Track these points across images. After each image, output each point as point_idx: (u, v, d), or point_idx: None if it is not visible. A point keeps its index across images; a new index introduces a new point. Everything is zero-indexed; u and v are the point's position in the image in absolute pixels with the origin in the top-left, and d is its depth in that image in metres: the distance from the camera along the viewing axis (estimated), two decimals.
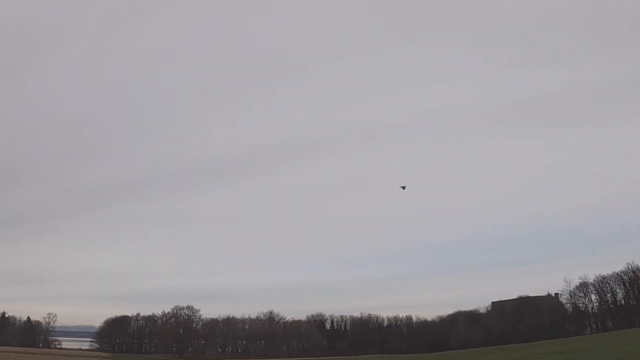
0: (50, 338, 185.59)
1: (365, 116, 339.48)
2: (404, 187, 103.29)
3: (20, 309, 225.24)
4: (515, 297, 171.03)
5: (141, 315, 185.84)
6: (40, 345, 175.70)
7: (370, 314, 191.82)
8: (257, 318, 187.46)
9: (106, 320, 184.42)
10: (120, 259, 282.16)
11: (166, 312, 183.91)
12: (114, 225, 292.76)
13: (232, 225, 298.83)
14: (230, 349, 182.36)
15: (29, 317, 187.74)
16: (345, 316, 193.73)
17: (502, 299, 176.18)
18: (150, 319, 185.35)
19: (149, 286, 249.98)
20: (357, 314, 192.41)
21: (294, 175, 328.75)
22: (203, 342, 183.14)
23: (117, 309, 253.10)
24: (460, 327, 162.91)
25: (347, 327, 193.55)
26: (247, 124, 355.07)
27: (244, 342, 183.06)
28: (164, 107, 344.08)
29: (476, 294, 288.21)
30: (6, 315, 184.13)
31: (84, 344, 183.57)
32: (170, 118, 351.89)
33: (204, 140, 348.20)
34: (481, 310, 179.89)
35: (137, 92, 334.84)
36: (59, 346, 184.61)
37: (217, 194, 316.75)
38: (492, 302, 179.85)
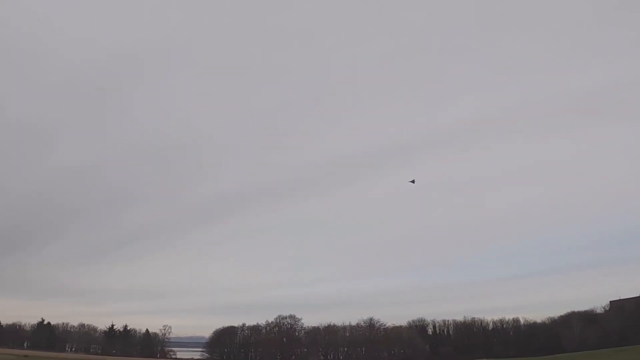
0: (166, 349, 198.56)
1: (463, 115, 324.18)
2: (413, 181, 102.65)
3: (140, 322, 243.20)
4: (636, 295, 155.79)
5: (246, 325, 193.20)
6: (158, 355, 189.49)
7: (474, 318, 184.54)
8: (358, 325, 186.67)
9: (215, 331, 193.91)
10: (228, 271, 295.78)
11: (270, 321, 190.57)
12: (223, 239, 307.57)
13: (331, 233, 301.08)
14: (332, 356, 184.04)
15: (147, 330, 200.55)
16: (448, 320, 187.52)
17: (622, 298, 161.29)
18: (255, 328, 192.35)
19: (253, 296, 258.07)
20: (460, 318, 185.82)
21: (390, 179, 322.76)
22: (305, 350, 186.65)
23: (225, 319, 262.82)
24: (575, 329, 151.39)
25: (450, 332, 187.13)
26: (353, 130, 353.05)
27: (345, 349, 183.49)
28: (264, 119, 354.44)
29: (591, 293, 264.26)
30: (128, 328, 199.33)
31: (196, 354, 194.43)
32: (274, 129, 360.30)
33: (296, 155, 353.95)
34: (598, 310, 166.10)
35: (240, 104, 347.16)
36: (174, 356, 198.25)
37: (313, 206, 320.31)
38: (610, 301, 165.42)
